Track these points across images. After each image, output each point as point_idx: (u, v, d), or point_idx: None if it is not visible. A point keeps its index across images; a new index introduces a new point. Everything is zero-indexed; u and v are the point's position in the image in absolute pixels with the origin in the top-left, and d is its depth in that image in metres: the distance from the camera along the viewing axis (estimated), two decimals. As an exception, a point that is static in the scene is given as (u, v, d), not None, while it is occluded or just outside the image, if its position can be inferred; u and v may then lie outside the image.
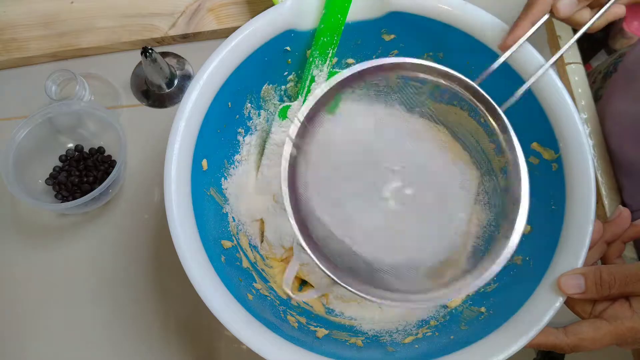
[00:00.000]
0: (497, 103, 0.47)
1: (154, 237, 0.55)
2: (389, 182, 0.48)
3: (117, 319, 0.52)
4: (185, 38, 0.61)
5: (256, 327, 0.37)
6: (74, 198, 0.52)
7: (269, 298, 0.44)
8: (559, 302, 0.36)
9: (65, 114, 0.54)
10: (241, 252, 0.46)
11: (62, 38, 0.60)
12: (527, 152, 0.44)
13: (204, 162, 0.43)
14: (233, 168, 0.48)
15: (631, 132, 0.52)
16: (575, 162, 0.40)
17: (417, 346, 0.42)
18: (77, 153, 0.56)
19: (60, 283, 0.54)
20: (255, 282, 0.44)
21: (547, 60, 0.42)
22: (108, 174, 0.53)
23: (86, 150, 0.56)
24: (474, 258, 0.49)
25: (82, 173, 0.55)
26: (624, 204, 0.54)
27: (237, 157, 0.49)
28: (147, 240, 0.55)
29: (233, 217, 0.47)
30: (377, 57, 0.49)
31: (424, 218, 0.49)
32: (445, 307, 0.46)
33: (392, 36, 0.46)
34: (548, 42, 0.60)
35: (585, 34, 0.42)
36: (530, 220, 0.44)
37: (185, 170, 0.40)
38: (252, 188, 0.51)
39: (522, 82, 0.42)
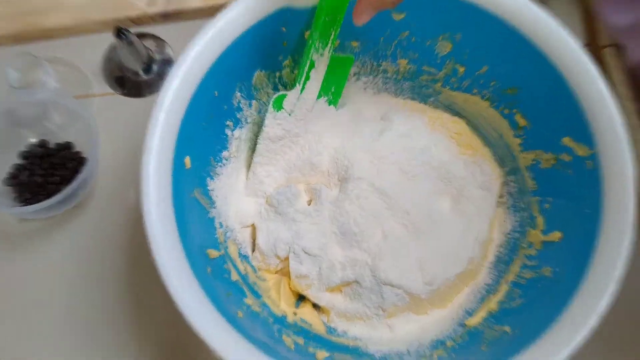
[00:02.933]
0: (524, 92, 0.47)
1: (130, 245, 0.55)
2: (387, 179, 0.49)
3: (89, 335, 0.52)
4: (166, 17, 0.61)
5: (247, 349, 0.37)
6: (38, 201, 0.52)
7: (262, 315, 0.44)
8: (594, 319, 0.36)
9: (27, 104, 0.54)
10: (230, 263, 0.46)
11: (24, 17, 0.60)
12: (558, 149, 0.44)
13: (187, 160, 0.43)
14: (220, 166, 0.48)
15: None
16: (613, 159, 0.40)
17: (431, 370, 0.42)
18: (41, 149, 0.56)
19: (25, 296, 0.53)
20: (246, 297, 0.44)
21: (581, 42, 0.42)
22: (77, 172, 0.53)
23: (52, 145, 0.56)
24: (497, 269, 0.49)
25: (46, 172, 0.54)
26: None
27: (225, 153, 0.49)
28: (121, 249, 0.55)
29: (220, 223, 0.47)
30: (384, 40, 0.49)
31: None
32: (463, 325, 0.46)
33: (402, 15, 0.46)
34: (581, 20, 0.60)
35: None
36: (561, 225, 0.44)
37: (165, 169, 0.40)
38: (242, 189, 0.51)
39: (555, 70, 0.42)
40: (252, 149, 0.51)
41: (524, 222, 0.48)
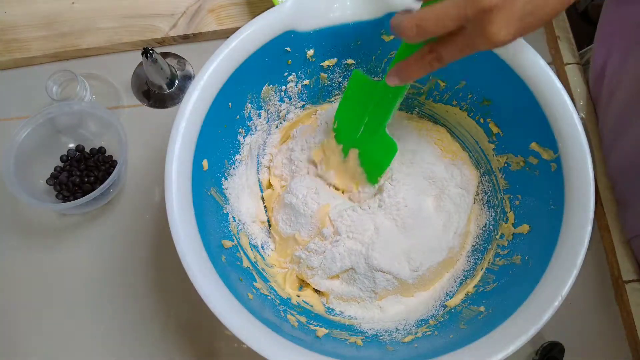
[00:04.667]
0: (497, 104, 0.47)
1: (155, 237, 0.55)
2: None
3: (117, 319, 0.52)
4: (186, 39, 0.61)
5: (257, 327, 0.37)
6: (75, 198, 0.52)
7: (269, 297, 0.44)
8: (557, 301, 0.36)
9: (66, 114, 0.54)
10: (241, 252, 0.46)
11: (63, 38, 0.60)
12: (526, 153, 0.44)
13: (205, 162, 0.43)
14: (233, 168, 0.48)
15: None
16: (574, 162, 0.40)
17: (416, 345, 0.42)
18: (78, 153, 0.56)
19: (61, 283, 0.53)
20: (256, 282, 0.44)
21: (546, 60, 0.42)
22: (109, 174, 0.53)
23: (87, 150, 0.56)
24: (474, 257, 0.49)
25: (83, 173, 0.54)
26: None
27: (237, 157, 0.49)
28: (147, 240, 0.54)
29: (233, 217, 0.47)
30: (376, 58, 0.49)
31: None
32: (444, 306, 0.46)
33: (392, 37, 0.46)
34: (547, 42, 0.60)
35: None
36: (529, 219, 0.44)
37: (185, 170, 0.40)
38: (252, 187, 0.51)
39: (524, 85, 0.42)
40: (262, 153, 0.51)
41: (497, 217, 0.48)
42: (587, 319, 0.51)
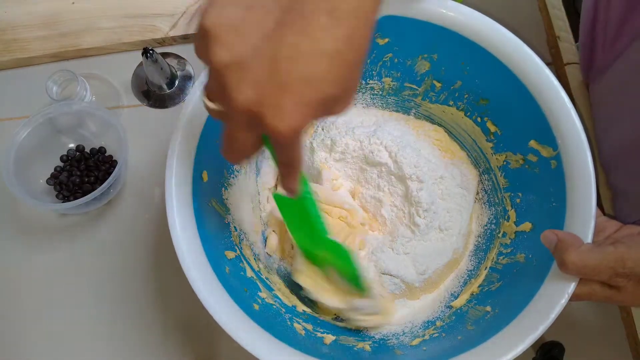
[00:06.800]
0: (494, 102, 0.47)
1: (155, 237, 0.54)
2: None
3: (117, 319, 0.52)
4: (186, 39, 0.61)
5: (266, 339, 0.37)
6: (75, 198, 0.52)
7: (275, 306, 0.44)
8: (564, 299, 0.36)
9: (66, 114, 0.54)
10: (245, 262, 0.45)
11: (63, 38, 0.60)
12: (525, 150, 0.44)
13: (204, 174, 0.42)
14: (233, 177, 0.48)
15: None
16: (574, 158, 0.39)
17: (425, 348, 0.41)
18: (78, 153, 0.55)
19: (61, 283, 0.53)
20: (260, 291, 0.44)
21: (545, 62, 0.42)
22: (109, 173, 0.53)
23: (87, 150, 0.56)
24: (477, 257, 0.49)
25: (83, 173, 0.54)
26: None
27: (236, 165, 0.48)
28: (147, 240, 0.54)
29: (235, 227, 0.46)
30: (371, 61, 0.48)
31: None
32: (450, 307, 0.45)
33: (386, 40, 0.46)
34: (547, 42, 0.60)
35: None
36: (531, 217, 0.44)
37: (186, 184, 0.40)
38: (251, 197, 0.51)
39: (520, 83, 0.41)
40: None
41: (498, 215, 0.48)
42: (587, 319, 0.50)
